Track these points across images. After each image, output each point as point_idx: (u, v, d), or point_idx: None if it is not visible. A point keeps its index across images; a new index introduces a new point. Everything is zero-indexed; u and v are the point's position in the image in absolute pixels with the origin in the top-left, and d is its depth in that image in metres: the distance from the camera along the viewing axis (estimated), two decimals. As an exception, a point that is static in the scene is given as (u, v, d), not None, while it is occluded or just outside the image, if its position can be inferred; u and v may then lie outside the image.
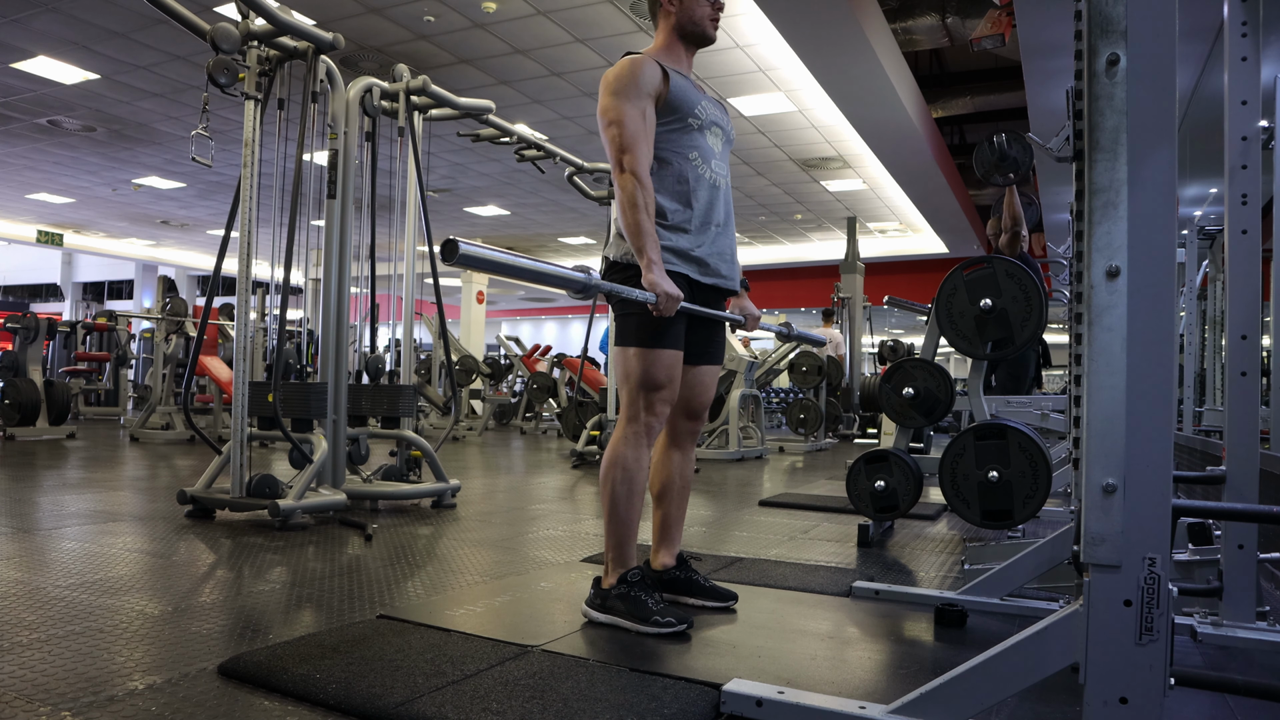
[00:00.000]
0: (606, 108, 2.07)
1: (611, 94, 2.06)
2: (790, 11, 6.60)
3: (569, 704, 1.53)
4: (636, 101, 2.06)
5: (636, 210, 2.00)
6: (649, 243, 1.99)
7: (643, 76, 2.07)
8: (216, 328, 9.49)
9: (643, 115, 2.07)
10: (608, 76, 2.09)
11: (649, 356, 2.08)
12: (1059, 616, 1.26)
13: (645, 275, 1.98)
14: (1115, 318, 1.20)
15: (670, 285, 1.97)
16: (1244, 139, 2.10)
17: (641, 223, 2.00)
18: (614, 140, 2.04)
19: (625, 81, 2.06)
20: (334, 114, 3.93)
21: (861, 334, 11.45)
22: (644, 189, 2.02)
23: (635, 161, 2.02)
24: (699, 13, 2.18)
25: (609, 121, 2.05)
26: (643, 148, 2.05)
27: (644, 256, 1.99)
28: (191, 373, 4.03)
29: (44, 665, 1.70)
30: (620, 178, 2.03)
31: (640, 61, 2.09)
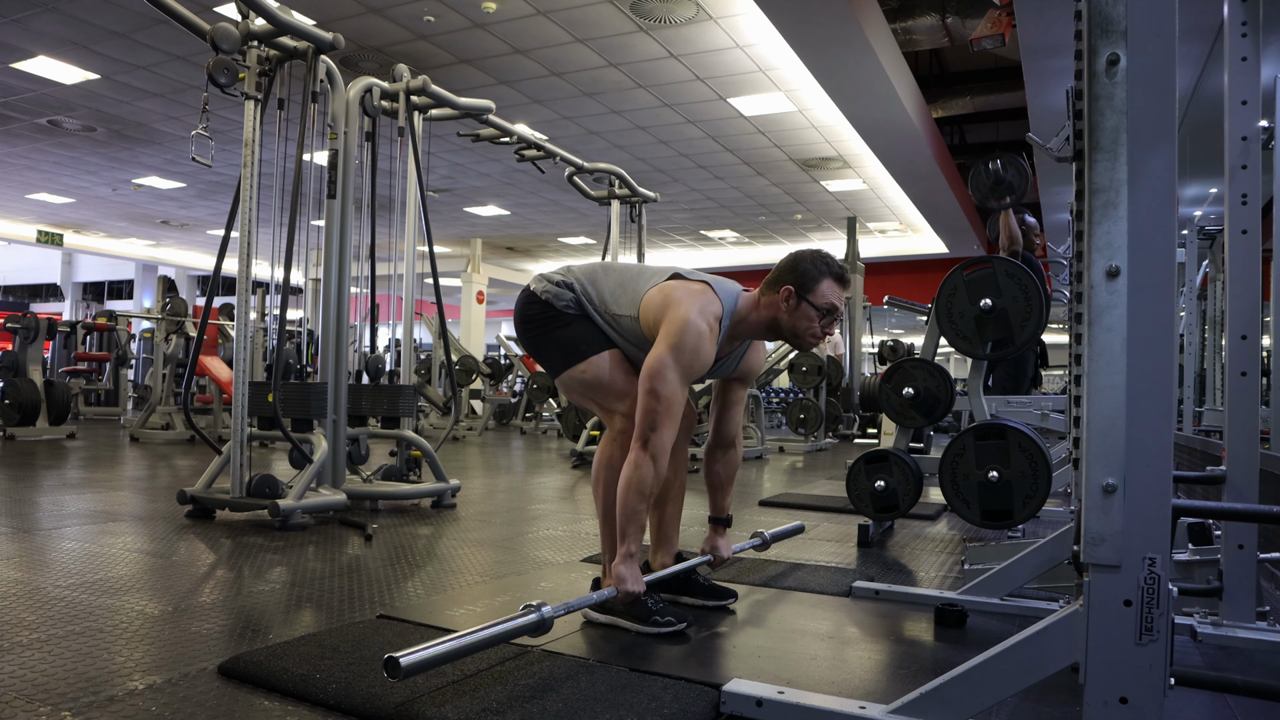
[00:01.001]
0: (659, 368, 1.91)
1: (672, 353, 1.92)
2: (790, 11, 6.60)
3: (569, 704, 1.53)
4: (687, 377, 1.95)
5: (641, 497, 1.93)
6: (634, 531, 1.95)
7: (704, 355, 1.95)
8: (216, 328, 9.49)
9: (684, 394, 1.97)
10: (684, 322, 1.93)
11: (590, 367, 2.07)
12: (1059, 616, 1.26)
13: (616, 565, 1.96)
14: (1115, 318, 1.20)
15: (636, 582, 1.94)
16: (1244, 139, 2.10)
17: (639, 511, 1.94)
18: (648, 413, 1.92)
19: (690, 354, 1.93)
20: (334, 114, 3.93)
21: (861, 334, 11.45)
22: (657, 477, 1.94)
23: (660, 446, 1.92)
24: (803, 327, 2.04)
25: (652, 388, 1.91)
26: (672, 429, 1.95)
27: (624, 544, 1.95)
28: (191, 373, 4.03)
29: (44, 665, 1.70)
30: (639, 455, 1.92)
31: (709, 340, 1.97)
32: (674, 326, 1.94)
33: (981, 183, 3.27)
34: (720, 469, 2.33)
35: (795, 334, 2.05)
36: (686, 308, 1.96)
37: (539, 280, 2.16)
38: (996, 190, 3.24)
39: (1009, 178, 3.22)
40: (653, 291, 2.05)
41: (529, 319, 2.14)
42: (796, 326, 2.03)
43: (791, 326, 2.04)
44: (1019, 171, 3.23)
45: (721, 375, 2.25)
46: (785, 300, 2.02)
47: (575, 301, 2.10)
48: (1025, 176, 3.24)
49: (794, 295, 2.01)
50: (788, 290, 2.01)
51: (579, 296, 2.10)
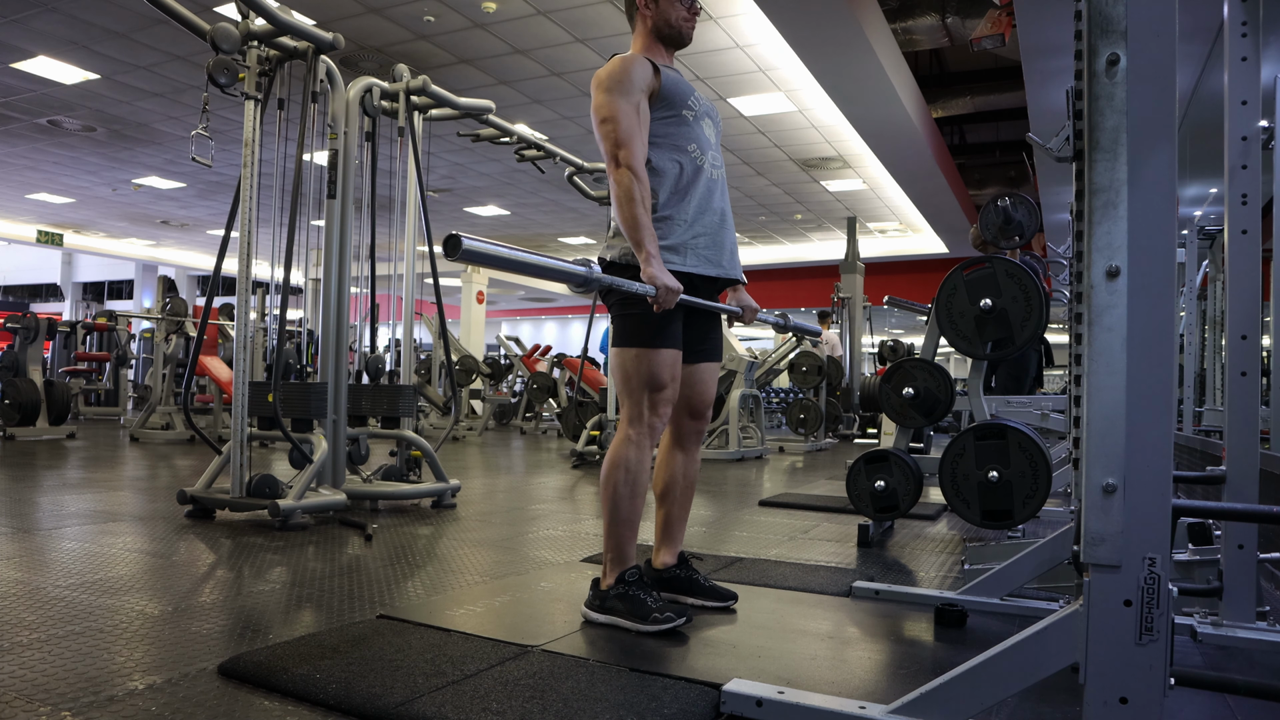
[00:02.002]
0: (600, 105, 2.07)
1: (604, 91, 2.07)
2: (790, 11, 6.60)
3: (569, 704, 1.53)
4: (629, 96, 2.06)
5: (634, 204, 2.00)
6: (646, 236, 1.99)
7: (634, 72, 2.08)
8: (216, 328, 9.49)
9: (636, 110, 2.07)
10: (599, 75, 2.10)
11: (649, 356, 2.08)
12: (1059, 616, 1.26)
13: (644, 269, 1.97)
14: (1115, 318, 1.20)
15: (669, 278, 1.97)
16: (1244, 139, 2.10)
17: (639, 216, 2.00)
18: (609, 136, 2.05)
19: (617, 78, 2.07)
20: (334, 114, 3.93)
21: (861, 334, 11.46)
22: (640, 183, 2.02)
23: (631, 156, 2.02)
24: (674, 15, 2.20)
25: (603, 118, 2.06)
26: (638, 142, 2.05)
27: (642, 250, 1.99)
28: (191, 373, 4.03)
29: (44, 665, 1.70)
30: (616, 173, 2.03)
31: (631, 58, 2.11)
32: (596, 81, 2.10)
33: (992, 222, 3.27)
34: None
35: (670, 24, 2.20)
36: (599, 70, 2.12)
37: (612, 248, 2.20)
38: (1006, 230, 3.24)
39: (1019, 217, 3.22)
40: None
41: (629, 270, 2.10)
42: (669, 19, 2.19)
43: (665, 20, 2.19)
44: (1029, 211, 3.23)
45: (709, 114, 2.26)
46: (645, 6, 2.21)
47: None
48: (1035, 218, 3.24)
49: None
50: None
51: None
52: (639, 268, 2.03)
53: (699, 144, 2.18)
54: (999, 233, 3.25)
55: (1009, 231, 3.24)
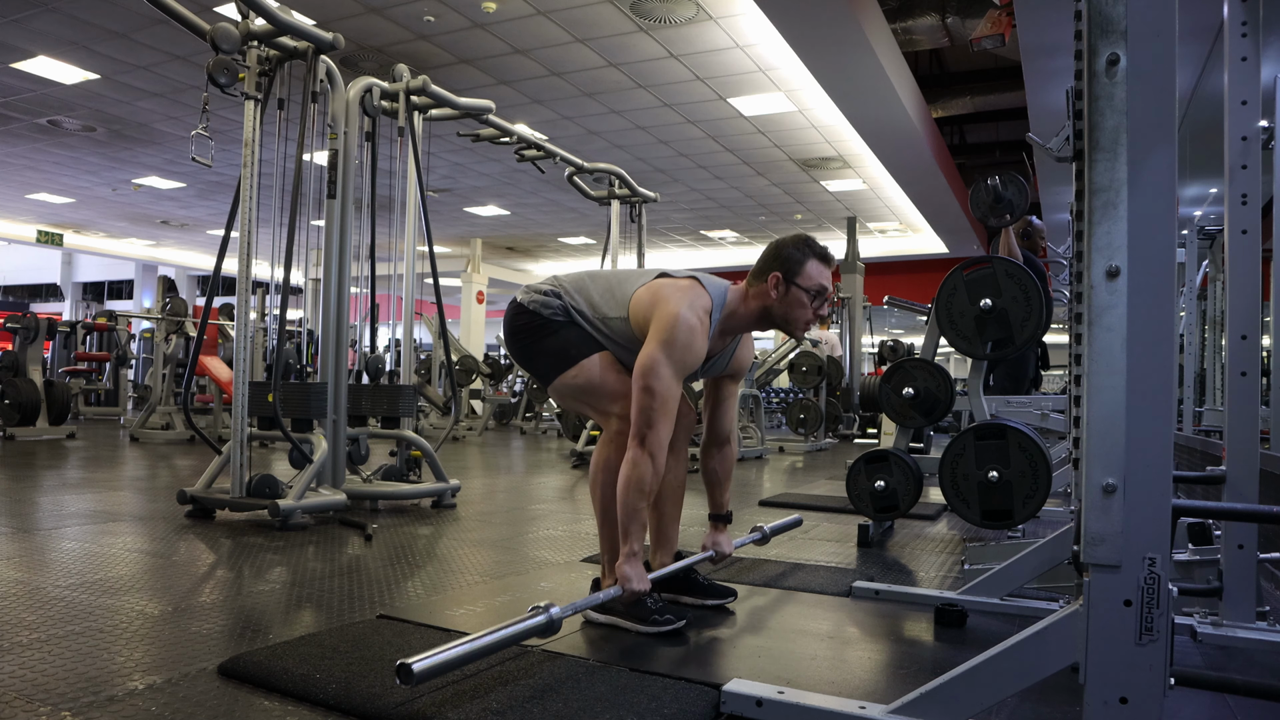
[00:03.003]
0: (651, 365, 1.91)
1: (663, 350, 1.92)
2: (790, 11, 6.60)
3: (569, 704, 1.53)
4: (680, 372, 1.94)
5: (641, 495, 1.92)
6: (636, 529, 1.95)
7: (696, 349, 1.96)
8: (216, 328, 9.49)
9: (678, 389, 1.96)
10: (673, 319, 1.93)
11: (581, 371, 2.07)
12: (1059, 616, 1.26)
13: (620, 565, 1.95)
14: (1115, 318, 1.20)
15: (641, 580, 1.94)
16: (1244, 139, 2.10)
17: (639, 509, 1.93)
18: (644, 410, 1.92)
19: (682, 349, 1.93)
20: (334, 114, 3.93)
21: (861, 334, 11.45)
22: (656, 475, 1.93)
23: (657, 443, 1.92)
24: (796, 314, 2.04)
25: (646, 385, 1.91)
26: (668, 426, 1.94)
27: (627, 544, 1.95)
28: (191, 373, 4.03)
29: (44, 665, 1.70)
30: (638, 453, 1.92)
31: (700, 335, 1.97)
32: (664, 322, 1.94)
33: (981, 200, 3.27)
34: (717, 466, 2.33)
35: (788, 320, 2.06)
36: (676, 303, 1.96)
37: (526, 291, 2.17)
38: (996, 208, 3.24)
39: (1009, 195, 3.22)
40: (641, 290, 2.05)
41: (518, 329, 2.14)
42: (789, 313, 2.04)
43: (784, 313, 2.05)
44: (1019, 189, 3.23)
45: (714, 373, 2.25)
46: (774, 288, 2.03)
47: (563, 309, 2.10)
48: (1026, 194, 3.24)
49: (782, 281, 2.02)
50: (775, 277, 2.03)
51: (566, 304, 2.10)
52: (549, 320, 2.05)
53: None
54: (989, 210, 3.25)
55: (999, 209, 3.24)
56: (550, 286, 2.14)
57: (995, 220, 3.30)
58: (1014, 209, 3.24)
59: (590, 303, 2.11)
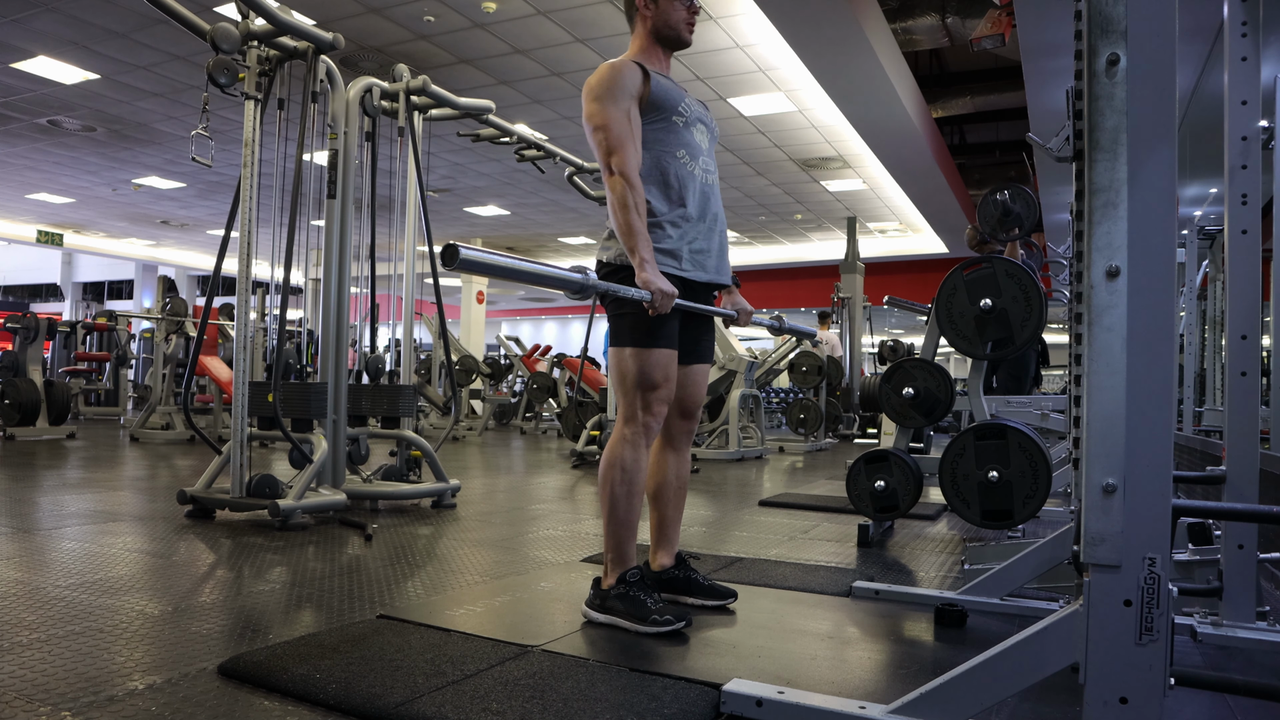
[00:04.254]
0: (592, 113, 2.10)
1: (595, 99, 2.09)
2: (790, 11, 6.60)
3: (569, 704, 1.53)
4: (620, 103, 2.08)
5: (627, 211, 2.02)
6: (641, 242, 2.01)
7: (624, 78, 2.10)
8: (216, 328, 9.49)
9: (627, 116, 2.09)
10: (590, 83, 2.13)
11: (645, 356, 2.09)
12: (1059, 616, 1.26)
13: (639, 274, 1.99)
14: (1115, 318, 1.20)
15: (664, 282, 1.99)
16: (1244, 139, 2.10)
17: (633, 223, 2.02)
18: (601, 144, 2.07)
19: (607, 85, 2.09)
20: (334, 114, 3.93)
21: (861, 334, 11.45)
22: (633, 189, 2.03)
23: (624, 162, 2.05)
24: (674, 17, 2.21)
25: (595, 126, 2.08)
26: (630, 148, 2.07)
27: (636, 255, 2.00)
28: (191, 373, 4.03)
29: (44, 665, 1.70)
30: (610, 180, 2.05)
31: (620, 65, 2.12)
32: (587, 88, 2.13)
33: (990, 215, 3.26)
34: None
35: (670, 27, 2.20)
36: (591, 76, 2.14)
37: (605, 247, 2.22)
38: (1004, 222, 3.23)
39: (1017, 210, 3.22)
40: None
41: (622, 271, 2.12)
42: (669, 20, 2.20)
43: (664, 24, 2.20)
44: (1027, 203, 3.23)
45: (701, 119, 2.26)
46: (645, 8, 2.21)
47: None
48: (1034, 209, 3.24)
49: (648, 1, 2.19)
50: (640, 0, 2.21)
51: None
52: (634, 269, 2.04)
53: (689, 150, 2.18)
54: (997, 225, 3.25)
55: (1008, 224, 3.24)
56: None
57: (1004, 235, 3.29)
58: (1022, 223, 3.23)
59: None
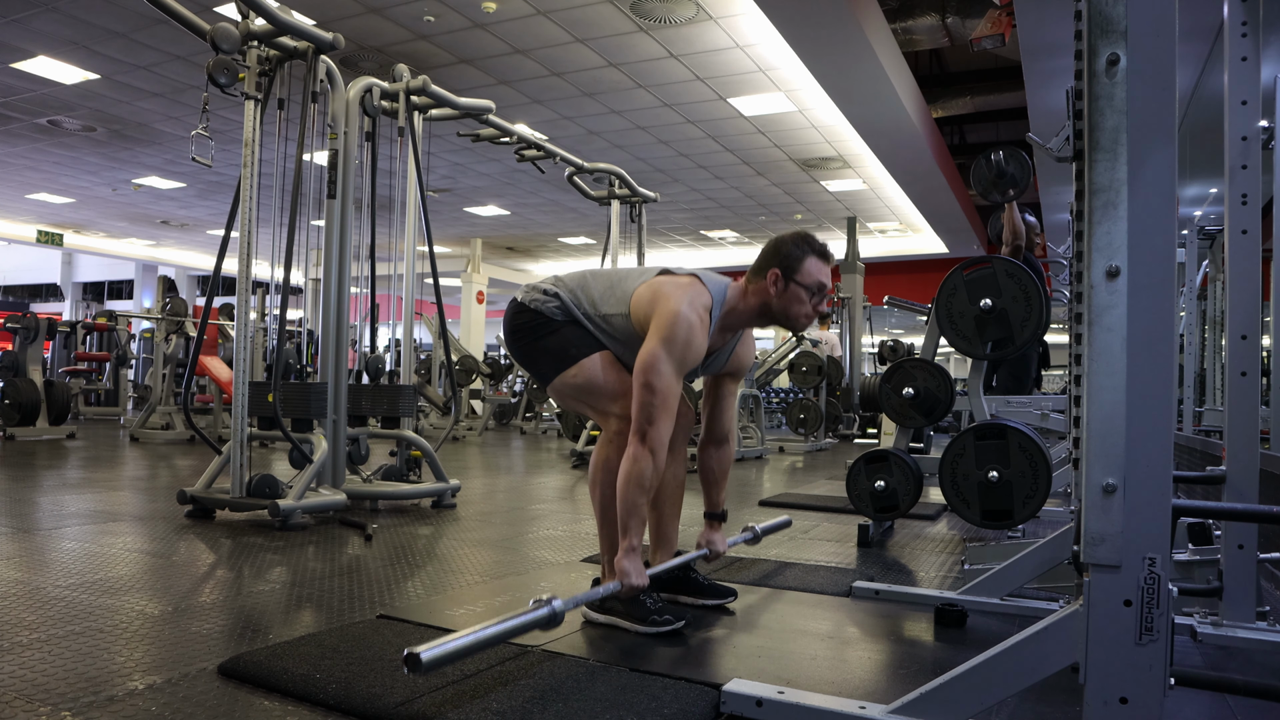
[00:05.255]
0: (652, 362, 1.91)
1: (664, 346, 1.92)
2: (790, 11, 6.60)
3: (569, 704, 1.53)
4: (680, 369, 1.95)
5: (640, 491, 1.92)
6: (636, 525, 1.94)
7: (695, 347, 1.96)
8: (216, 328, 9.49)
9: (679, 386, 1.96)
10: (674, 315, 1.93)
11: (581, 371, 2.07)
12: (1059, 616, 1.26)
13: (619, 559, 1.94)
14: (1115, 318, 1.20)
15: (639, 576, 1.94)
16: (1244, 139, 2.10)
17: (639, 505, 1.93)
18: (644, 406, 1.92)
19: (682, 346, 1.93)
20: (334, 114, 3.93)
21: (861, 334, 11.45)
22: (656, 470, 1.93)
23: (657, 439, 1.92)
24: (795, 310, 2.04)
25: (647, 382, 1.91)
26: (669, 424, 1.95)
27: (626, 539, 1.94)
28: (191, 373, 4.03)
29: (44, 665, 1.70)
30: (638, 449, 1.92)
31: (700, 332, 1.97)
32: (665, 319, 1.94)
33: (983, 176, 3.26)
34: (714, 465, 2.34)
35: (788, 316, 2.06)
36: (676, 300, 1.96)
37: (527, 290, 2.17)
38: (999, 183, 3.23)
39: (1011, 170, 3.21)
40: (642, 288, 2.06)
41: (518, 329, 2.14)
42: (789, 309, 2.04)
43: (783, 309, 2.05)
44: (1020, 164, 3.22)
45: (714, 370, 2.25)
46: (773, 284, 2.03)
47: (562, 308, 2.10)
48: (1027, 169, 3.23)
49: (781, 278, 2.03)
50: (775, 274, 2.03)
51: (566, 303, 2.10)
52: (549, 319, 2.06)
53: None
54: (991, 185, 3.24)
55: (1002, 185, 3.23)
56: (550, 285, 2.14)
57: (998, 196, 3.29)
58: (1016, 183, 3.22)
59: (591, 300, 2.11)
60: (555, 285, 2.14)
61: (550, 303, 2.11)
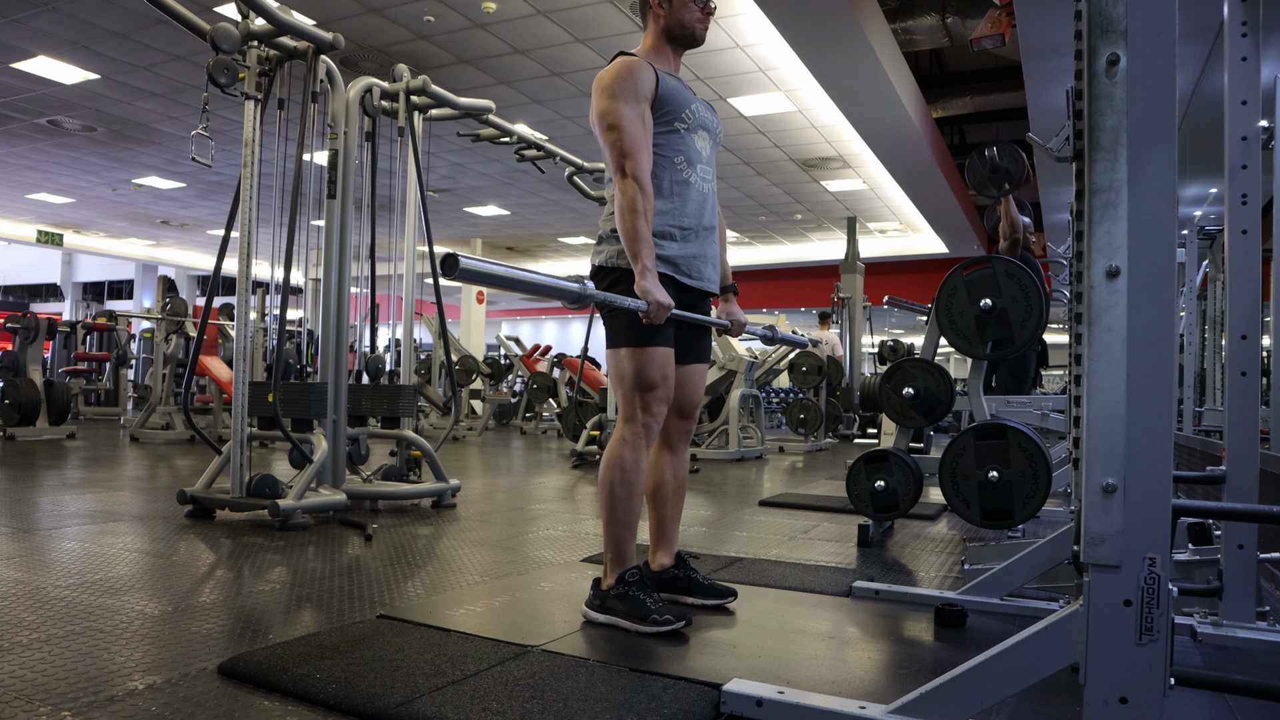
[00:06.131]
0: (605, 111, 2.05)
1: (609, 96, 2.06)
2: (790, 11, 6.60)
3: (569, 704, 1.53)
4: (635, 105, 2.06)
5: (636, 216, 1.99)
6: (645, 249, 1.99)
7: (639, 78, 2.07)
8: (216, 328, 9.49)
9: (641, 119, 2.07)
10: (603, 78, 2.09)
11: (641, 356, 2.08)
12: (1059, 616, 1.26)
13: (638, 282, 1.98)
14: (1115, 318, 1.20)
15: (662, 294, 1.98)
16: (1244, 139, 2.10)
17: (640, 229, 2.00)
18: (614, 145, 2.04)
19: (623, 84, 2.06)
20: (334, 114, 3.93)
21: (861, 334, 11.45)
22: (645, 195, 2.02)
23: (637, 167, 2.02)
24: (688, 16, 2.19)
25: (608, 125, 2.05)
26: (644, 153, 2.05)
27: (639, 263, 1.99)
28: (191, 373, 4.03)
29: (44, 665, 1.70)
30: (622, 183, 2.02)
31: (636, 64, 2.09)
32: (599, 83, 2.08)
33: (978, 171, 3.25)
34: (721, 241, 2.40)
35: (683, 25, 2.20)
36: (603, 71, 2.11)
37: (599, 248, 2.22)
38: (993, 179, 3.22)
39: (1005, 165, 3.21)
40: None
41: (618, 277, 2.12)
42: (682, 20, 2.19)
43: (678, 21, 2.19)
44: (1014, 158, 3.22)
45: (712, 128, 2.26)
46: (659, 5, 2.20)
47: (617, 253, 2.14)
48: (1021, 163, 3.22)
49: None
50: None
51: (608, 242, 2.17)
52: (627, 270, 2.05)
53: (687, 156, 2.17)
54: (986, 180, 3.24)
55: (996, 179, 3.23)
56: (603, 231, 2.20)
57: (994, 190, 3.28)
58: (1012, 178, 3.22)
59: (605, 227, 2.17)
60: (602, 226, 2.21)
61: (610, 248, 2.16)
